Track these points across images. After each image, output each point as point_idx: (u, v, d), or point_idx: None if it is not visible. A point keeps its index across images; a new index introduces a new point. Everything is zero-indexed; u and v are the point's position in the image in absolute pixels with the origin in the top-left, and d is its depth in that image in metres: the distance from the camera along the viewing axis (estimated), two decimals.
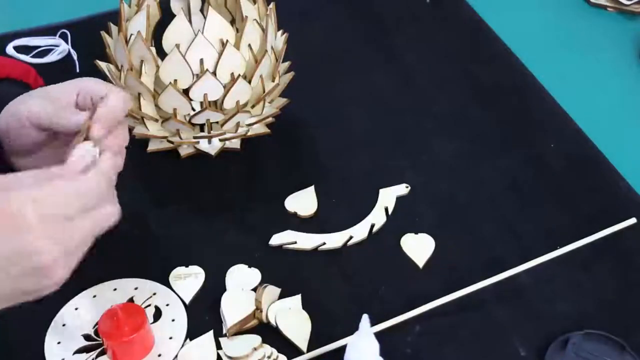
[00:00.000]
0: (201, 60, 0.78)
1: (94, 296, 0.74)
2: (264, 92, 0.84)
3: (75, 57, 1.03)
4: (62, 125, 0.63)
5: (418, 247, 0.82)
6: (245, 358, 0.70)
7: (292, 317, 0.74)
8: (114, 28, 0.86)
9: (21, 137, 0.66)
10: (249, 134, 0.89)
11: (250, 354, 0.70)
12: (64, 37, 1.06)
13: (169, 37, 0.79)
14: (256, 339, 0.72)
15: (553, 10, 2.34)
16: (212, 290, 0.77)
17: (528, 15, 2.29)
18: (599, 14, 2.34)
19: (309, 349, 0.72)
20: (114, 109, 0.61)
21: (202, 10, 0.86)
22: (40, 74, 1.00)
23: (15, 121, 0.65)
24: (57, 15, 1.13)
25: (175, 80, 0.79)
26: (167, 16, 0.84)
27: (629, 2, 2.31)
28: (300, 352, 0.72)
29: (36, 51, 1.05)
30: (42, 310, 0.73)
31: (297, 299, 0.76)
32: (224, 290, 0.77)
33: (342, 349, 0.71)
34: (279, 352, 0.72)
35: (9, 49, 1.05)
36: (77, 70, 1.02)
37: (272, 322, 0.73)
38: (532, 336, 0.74)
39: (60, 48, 1.04)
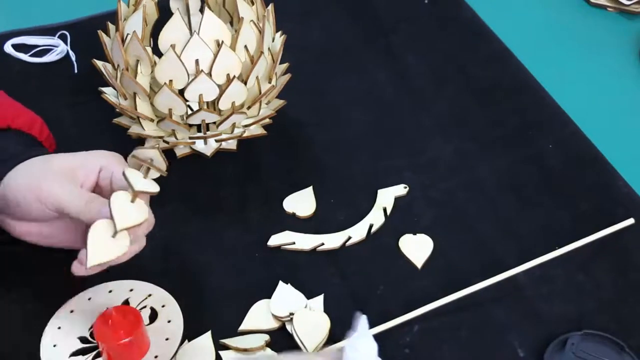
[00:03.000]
0: (196, 61, 0.78)
1: (89, 298, 0.74)
2: (260, 93, 0.84)
3: (73, 57, 1.03)
4: (87, 220, 0.62)
5: (416, 247, 0.82)
6: (260, 349, 0.71)
7: (310, 321, 0.74)
8: (111, 27, 0.86)
9: (31, 211, 0.65)
10: (245, 135, 0.88)
11: (263, 346, 0.71)
12: (63, 38, 1.05)
13: (165, 37, 0.78)
14: (265, 336, 0.72)
15: (553, 10, 2.34)
16: (210, 292, 0.77)
17: (528, 15, 2.29)
18: (599, 14, 2.34)
19: None
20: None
21: (201, 10, 0.86)
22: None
23: (33, 199, 0.64)
24: (57, 15, 1.13)
25: (171, 81, 0.78)
26: (166, 16, 0.83)
27: (629, 2, 2.31)
28: None
29: (35, 50, 1.04)
30: (38, 313, 0.73)
31: (319, 300, 0.76)
32: (222, 292, 0.77)
33: (341, 350, 0.71)
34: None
35: (7, 47, 1.04)
36: (76, 71, 1.02)
37: (290, 329, 0.73)
38: (531, 336, 0.74)
39: (60, 48, 1.04)
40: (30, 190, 0.64)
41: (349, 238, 0.82)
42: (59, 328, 0.72)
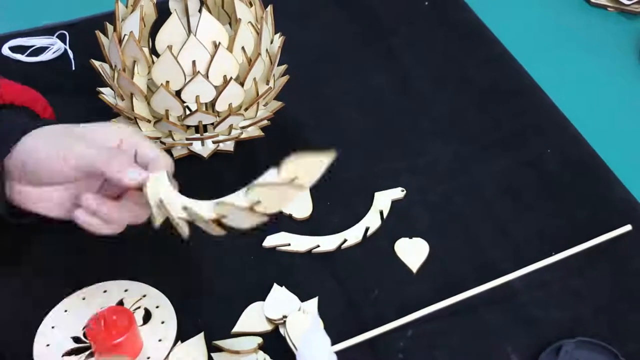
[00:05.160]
0: (193, 62, 0.78)
1: (84, 298, 0.74)
2: (257, 95, 0.84)
3: (71, 55, 1.03)
4: (111, 174, 0.63)
5: (412, 251, 0.82)
6: (252, 352, 0.71)
7: (304, 324, 0.73)
8: (109, 28, 0.86)
9: (51, 172, 0.65)
10: (242, 136, 0.88)
11: (255, 349, 0.71)
12: (62, 38, 1.05)
13: (162, 38, 0.78)
14: (257, 339, 0.72)
15: (553, 10, 2.33)
16: (205, 293, 0.77)
17: (527, 16, 2.28)
18: (599, 14, 2.34)
19: None
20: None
21: (200, 12, 0.86)
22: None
23: (55, 163, 0.64)
24: (57, 15, 1.13)
25: (168, 82, 0.78)
26: (166, 16, 0.83)
27: (629, 2, 2.31)
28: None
29: (31, 49, 1.04)
30: (32, 313, 0.73)
31: (313, 303, 0.76)
32: (216, 293, 0.77)
33: (335, 354, 0.71)
34: (272, 357, 0.71)
35: (5, 50, 1.04)
36: (73, 69, 1.01)
37: (283, 332, 0.73)
38: (525, 343, 0.74)
39: (56, 46, 1.04)
40: (54, 148, 0.65)
41: (345, 241, 0.82)
42: (53, 327, 0.72)
